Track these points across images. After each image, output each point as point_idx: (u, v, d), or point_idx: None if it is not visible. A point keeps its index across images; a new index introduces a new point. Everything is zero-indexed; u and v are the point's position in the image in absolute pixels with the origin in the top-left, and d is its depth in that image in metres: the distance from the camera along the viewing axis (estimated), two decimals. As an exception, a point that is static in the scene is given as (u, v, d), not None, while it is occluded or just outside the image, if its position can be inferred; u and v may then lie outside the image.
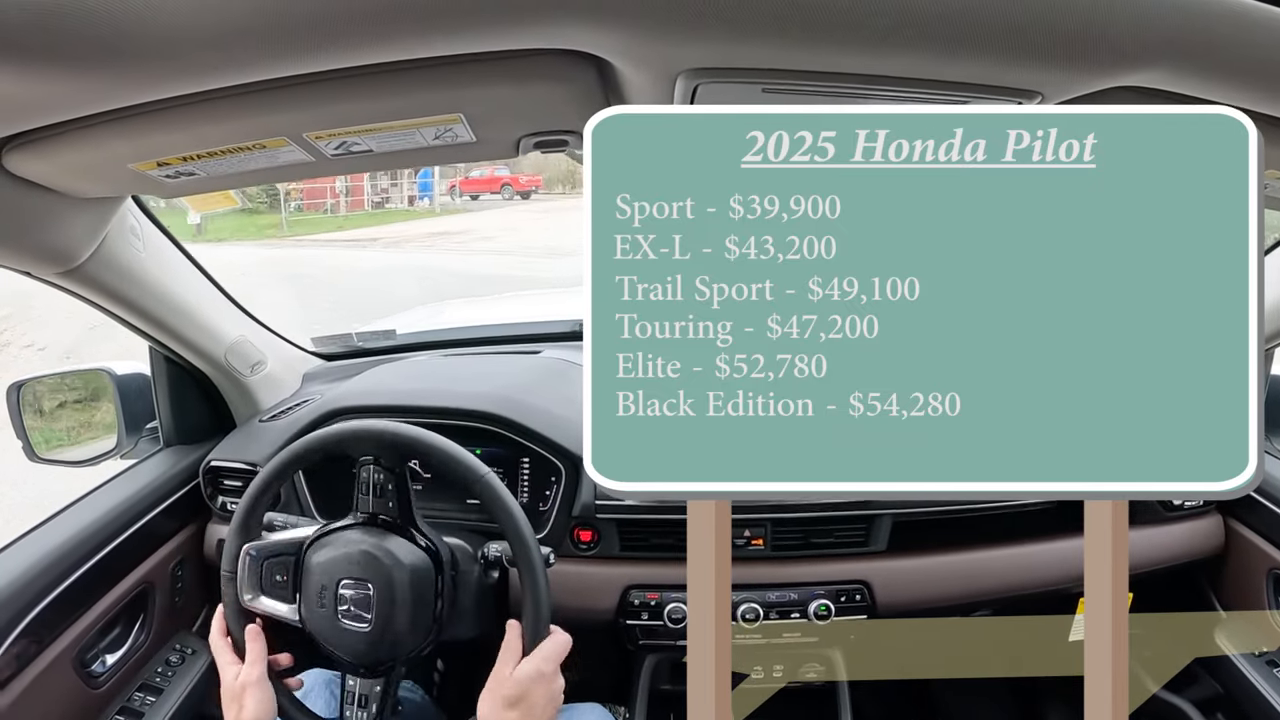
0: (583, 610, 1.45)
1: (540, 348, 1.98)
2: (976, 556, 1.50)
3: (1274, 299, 1.39)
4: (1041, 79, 0.74)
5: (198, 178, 1.03)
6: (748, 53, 0.72)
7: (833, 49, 0.71)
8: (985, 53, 0.70)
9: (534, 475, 1.58)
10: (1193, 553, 1.57)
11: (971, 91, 0.77)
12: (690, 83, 0.76)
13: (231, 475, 1.62)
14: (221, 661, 1.17)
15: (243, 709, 1.10)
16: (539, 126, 0.95)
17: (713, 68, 0.75)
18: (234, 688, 1.12)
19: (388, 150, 0.98)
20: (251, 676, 1.13)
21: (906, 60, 0.72)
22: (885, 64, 0.73)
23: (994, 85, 0.76)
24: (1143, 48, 0.69)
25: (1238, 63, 0.70)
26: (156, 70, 0.70)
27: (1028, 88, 0.76)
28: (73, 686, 1.35)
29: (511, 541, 1.14)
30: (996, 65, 0.73)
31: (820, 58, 0.73)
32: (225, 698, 1.13)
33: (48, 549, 1.34)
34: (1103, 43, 0.68)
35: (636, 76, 0.78)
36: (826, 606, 1.44)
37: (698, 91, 0.78)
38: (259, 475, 1.21)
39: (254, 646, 1.16)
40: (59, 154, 0.90)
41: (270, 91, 0.80)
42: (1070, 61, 0.71)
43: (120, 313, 1.43)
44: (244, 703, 1.11)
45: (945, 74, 0.74)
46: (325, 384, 1.91)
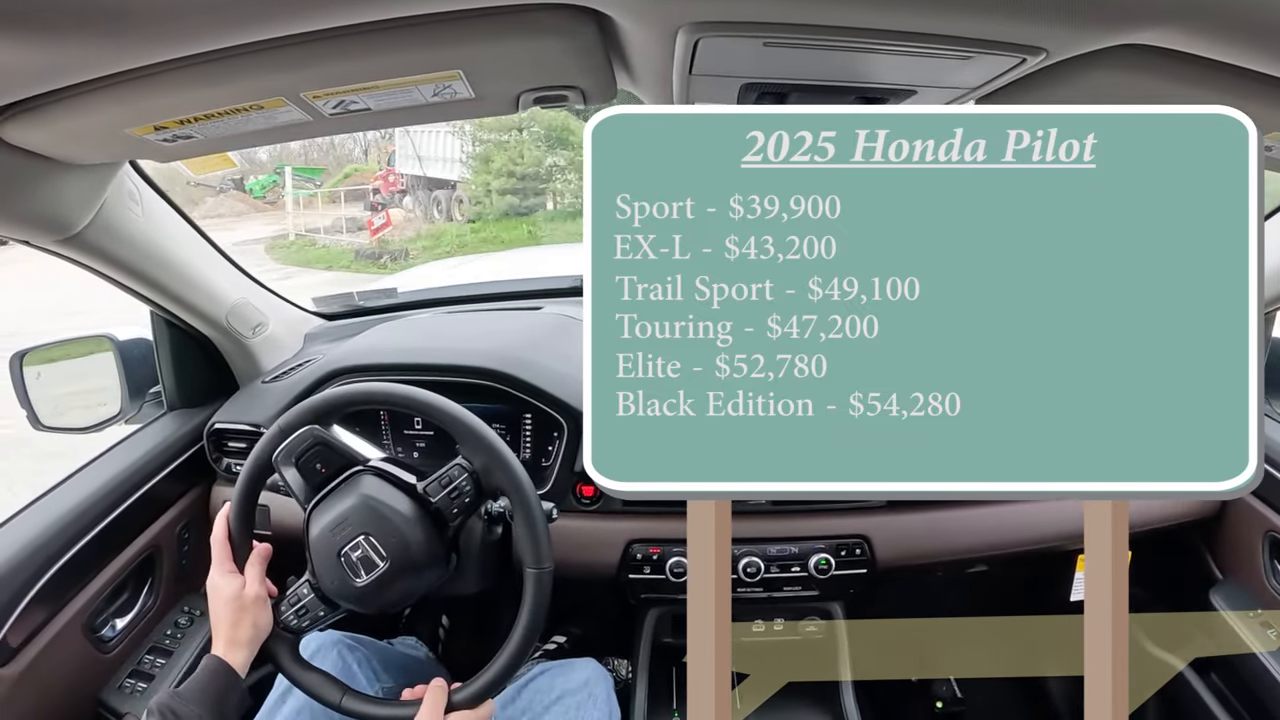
0: (586, 565, 1.47)
1: (542, 303, 1.98)
2: (975, 513, 1.52)
3: (1273, 264, 1.38)
4: (1046, 34, 0.73)
5: (195, 140, 1.02)
6: (749, 6, 0.71)
7: (835, 2, 0.70)
8: (990, 7, 0.69)
9: (536, 431, 1.59)
10: (1189, 514, 1.58)
11: (975, 46, 0.76)
12: (691, 36, 0.75)
13: (235, 437, 1.63)
14: (220, 568, 1.16)
15: (239, 624, 1.11)
16: (539, 82, 0.94)
17: (714, 21, 0.74)
18: (233, 603, 1.12)
19: (386, 108, 0.97)
20: (257, 593, 1.14)
21: (910, 14, 0.71)
22: (889, 18, 0.72)
23: (998, 40, 0.75)
24: (1151, 3, 0.67)
25: (1249, 21, 0.69)
26: (151, 33, 0.70)
27: (1032, 43, 0.75)
28: (83, 651, 1.37)
29: (508, 492, 1.14)
30: (1001, 20, 0.71)
31: (823, 11, 0.71)
32: (230, 607, 1.12)
33: (54, 516, 1.36)
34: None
35: (637, 31, 0.77)
36: (827, 560, 1.46)
37: (699, 46, 0.77)
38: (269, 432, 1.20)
39: (258, 566, 1.17)
40: (56, 121, 0.89)
41: (267, 51, 0.79)
42: (1076, 16, 0.70)
43: (121, 278, 1.42)
44: (243, 619, 1.11)
45: (949, 28, 0.73)
46: (327, 344, 1.91)
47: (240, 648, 1.11)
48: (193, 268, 1.55)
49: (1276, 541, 1.48)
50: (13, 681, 1.24)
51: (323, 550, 1.13)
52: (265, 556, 1.19)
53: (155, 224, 1.41)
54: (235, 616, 1.12)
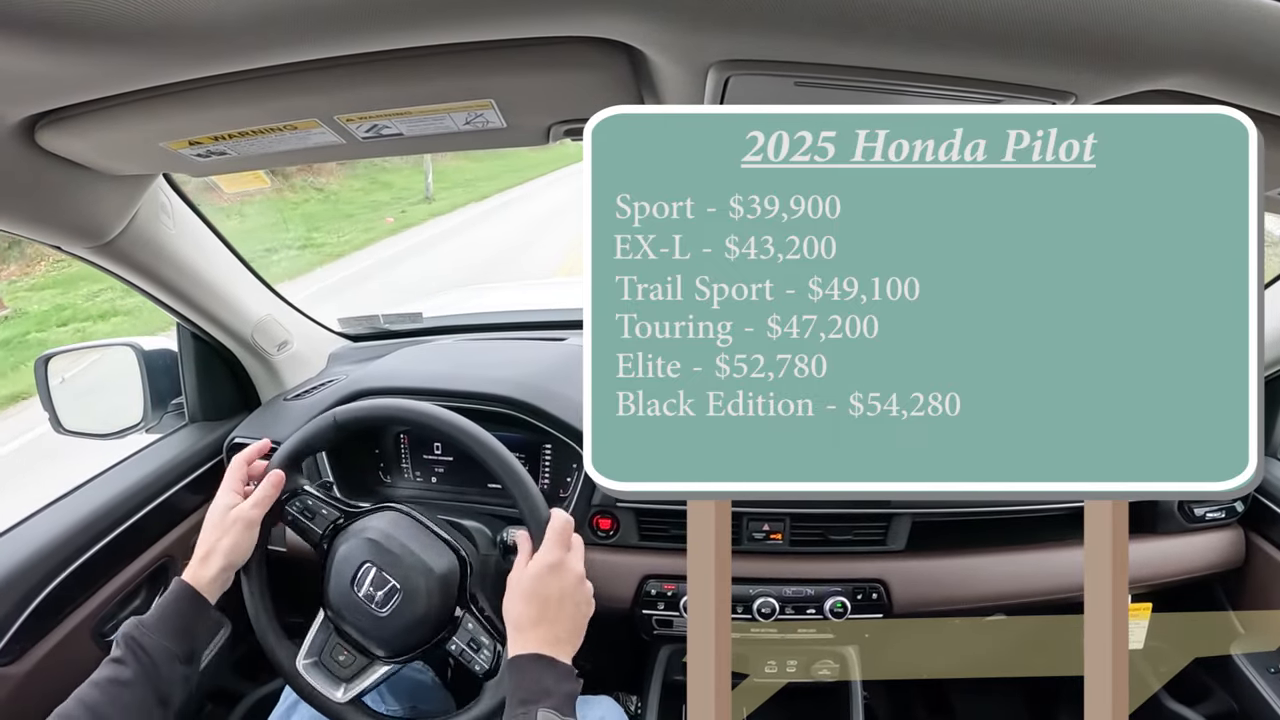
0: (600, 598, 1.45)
1: (566, 334, 1.98)
2: (994, 560, 1.49)
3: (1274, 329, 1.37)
4: (1076, 80, 0.74)
5: (229, 157, 1.04)
6: (781, 46, 0.71)
7: (867, 45, 0.70)
8: (1020, 53, 0.69)
9: (555, 462, 1.59)
10: (1213, 565, 1.55)
11: (1006, 90, 0.76)
12: (722, 74, 0.76)
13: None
14: (226, 485, 1.16)
15: (223, 536, 1.10)
16: (570, 114, 0.95)
17: (746, 59, 0.74)
18: (225, 516, 1.11)
19: (418, 134, 0.98)
20: (249, 514, 1.12)
21: (941, 58, 0.72)
22: (920, 61, 0.73)
23: (1028, 85, 0.75)
24: (1178, 52, 0.68)
25: (1273, 67, 0.69)
26: (190, 51, 0.71)
27: (1062, 88, 0.75)
28: (90, 656, 1.37)
29: (497, 471, 1.17)
30: (1031, 66, 0.72)
31: (855, 53, 0.72)
32: (214, 520, 1.12)
33: (71, 521, 1.36)
34: (1138, 46, 0.67)
35: (668, 67, 0.77)
36: (843, 604, 1.44)
37: (729, 84, 0.78)
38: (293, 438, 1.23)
39: (267, 491, 1.16)
40: (92, 131, 0.91)
41: (302, 73, 0.80)
42: (1105, 64, 0.70)
43: (149, 289, 1.44)
44: (228, 532, 1.10)
45: (980, 72, 0.74)
46: (350, 365, 1.92)
47: (210, 564, 1.08)
48: (221, 282, 1.57)
49: (1299, 594, 1.45)
50: (18, 681, 1.24)
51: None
52: (277, 484, 1.18)
53: (186, 237, 1.44)
54: (216, 532, 1.11)
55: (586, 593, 1.08)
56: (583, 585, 1.08)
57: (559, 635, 1.01)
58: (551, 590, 1.03)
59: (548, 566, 1.04)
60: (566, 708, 0.94)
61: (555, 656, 0.99)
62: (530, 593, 1.03)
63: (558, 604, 1.03)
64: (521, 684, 0.96)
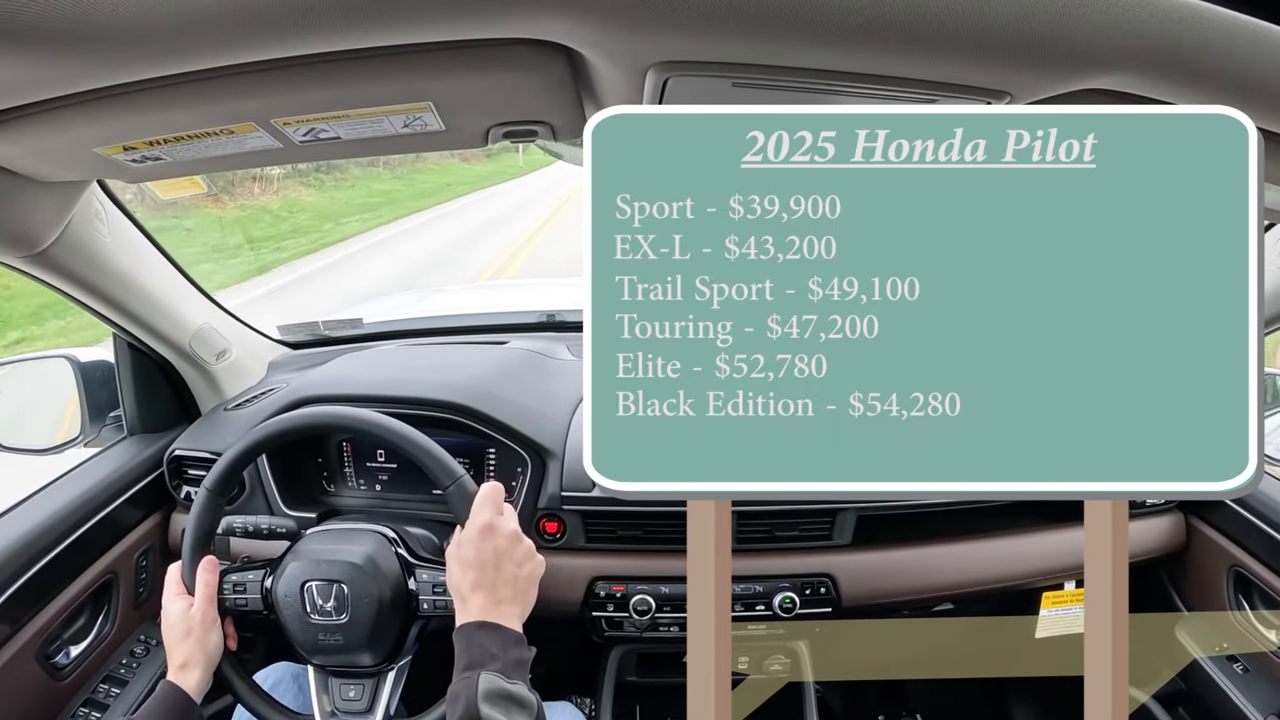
0: (549, 601, 1.45)
1: (507, 338, 1.98)
2: (940, 551, 1.52)
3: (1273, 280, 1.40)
4: (1010, 79, 0.75)
5: (164, 163, 1.02)
6: (719, 47, 0.71)
7: (803, 45, 0.70)
8: (955, 52, 0.70)
9: (500, 466, 1.58)
10: (1155, 550, 1.60)
11: (941, 90, 0.77)
12: (660, 76, 0.76)
13: (196, 464, 1.60)
14: (169, 590, 1.16)
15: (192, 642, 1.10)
16: (508, 116, 0.94)
17: (684, 60, 0.74)
18: (185, 622, 1.11)
19: (356, 138, 0.97)
20: (208, 612, 1.13)
21: (877, 58, 0.72)
22: (855, 61, 0.73)
23: (963, 84, 0.76)
24: (1110, 50, 0.69)
25: (1203, 66, 0.70)
26: (123, 53, 0.69)
27: (997, 88, 0.76)
28: (36, 679, 1.33)
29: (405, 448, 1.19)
30: (966, 65, 0.72)
31: (791, 53, 0.72)
32: (177, 630, 1.11)
33: (9, 540, 1.32)
34: (1071, 45, 0.68)
35: (607, 68, 0.77)
36: (791, 599, 1.45)
37: (668, 85, 0.77)
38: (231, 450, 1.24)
39: (207, 579, 1.16)
40: (23, 136, 0.88)
41: (238, 76, 0.79)
42: (1039, 63, 0.71)
43: (84, 298, 1.40)
44: (195, 636, 1.10)
45: (915, 72, 0.74)
46: (291, 372, 1.90)
47: (191, 671, 1.08)
48: (157, 291, 1.53)
49: (1241, 576, 1.50)
50: None
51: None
52: (213, 569, 1.17)
53: (121, 245, 1.40)
54: (184, 641, 1.10)
55: (525, 549, 1.08)
56: (519, 543, 1.07)
57: (500, 598, 1.02)
58: (487, 553, 1.03)
59: (478, 530, 1.05)
60: (515, 672, 0.94)
61: (500, 622, 0.99)
62: (466, 559, 1.03)
63: (495, 566, 1.03)
64: (465, 651, 0.96)
